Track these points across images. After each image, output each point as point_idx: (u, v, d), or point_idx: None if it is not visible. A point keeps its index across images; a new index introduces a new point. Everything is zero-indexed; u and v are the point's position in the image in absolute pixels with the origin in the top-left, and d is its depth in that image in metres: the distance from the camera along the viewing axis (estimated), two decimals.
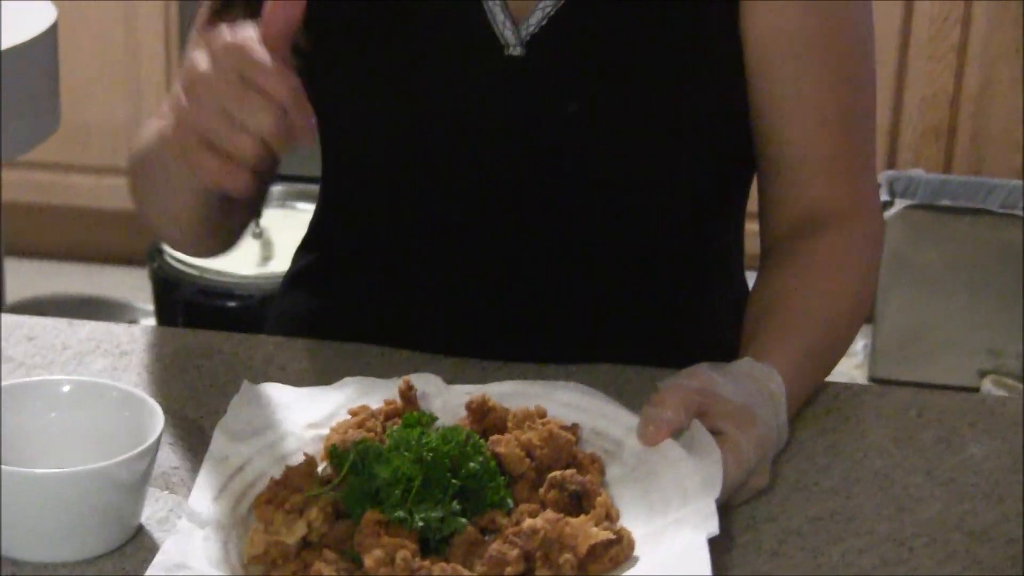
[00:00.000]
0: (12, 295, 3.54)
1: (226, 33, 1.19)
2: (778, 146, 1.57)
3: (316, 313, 1.66)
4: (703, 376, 1.28)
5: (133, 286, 3.95)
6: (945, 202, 3.72)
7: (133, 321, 3.80)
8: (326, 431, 1.29)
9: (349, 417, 1.30)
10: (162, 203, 1.53)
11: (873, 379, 3.79)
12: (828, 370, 1.49)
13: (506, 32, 1.51)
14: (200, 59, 1.18)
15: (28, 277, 4.06)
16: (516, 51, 1.52)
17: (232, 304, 3.35)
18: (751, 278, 1.63)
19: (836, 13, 1.56)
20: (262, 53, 1.16)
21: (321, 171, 1.71)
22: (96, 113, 4.09)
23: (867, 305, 1.60)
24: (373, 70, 1.57)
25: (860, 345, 3.88)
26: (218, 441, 1.28)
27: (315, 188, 1.76)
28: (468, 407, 1.29)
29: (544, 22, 1.51)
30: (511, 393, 1.34)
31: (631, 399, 1.34)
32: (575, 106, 1.52)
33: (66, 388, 1.27)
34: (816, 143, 1.56)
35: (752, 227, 1.63)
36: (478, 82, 1.55)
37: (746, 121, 1.57)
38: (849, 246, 1.57)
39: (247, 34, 1.18)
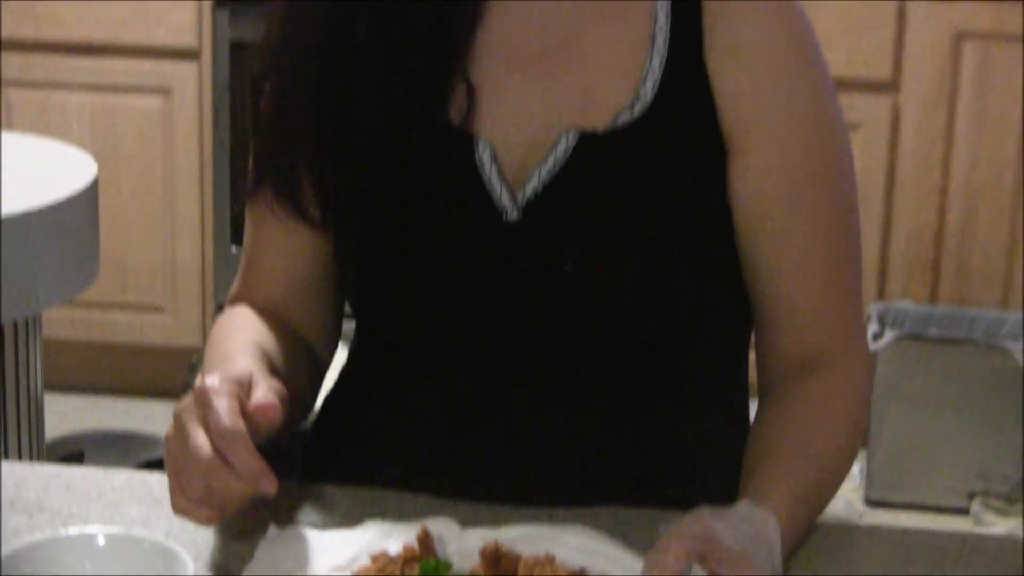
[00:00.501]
0: (52, 430, 3.53)
1: (206, 407, 1.29)
2: (770, 299, 1.63)
3: (341, 459, 1.71)
4: (704, 522, 1.31)
5: (167, 420, 4.15)
6: (932, 332, 3.79)
7: (162, 461, 4.14)
8: (348, 575, 1.35)
9: (370, 562, 1.35)
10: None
11: (868, 501, 3.82)
12: (824, 506, 1.54)
13: (503, 200, 1.57)
14: (183, 433, 1.28)
15: (68, 411, 4.11)
16: (514, 217, 1.58)
17: (261, 445, 3.60)
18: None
19: (820, 171, 1.62)
20: (233, 435, 1.27)
21: (354, 335, 1.79)
22: (134, 253, 4.20)
23: (859, 438, 1.65)
24: (387, 238, 1.64)
25: (856, 469, 3.88)
26: None
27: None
28: (482, 554, 1.33)
29: (539, 189, 1.57)
30: (522, 537, 1.38)
31: (636, 540, 1.39)
32: (571, 267, 1.56)
33: (101, 541, 1.32)
34: (805, 295, 1.63)
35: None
36: (480, 247, 1.61)
37: (738, 275, 1.64)
38: (840, 385, 1.62)
39: (220, 412, 1.28)
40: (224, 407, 1.27)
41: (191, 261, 4.31)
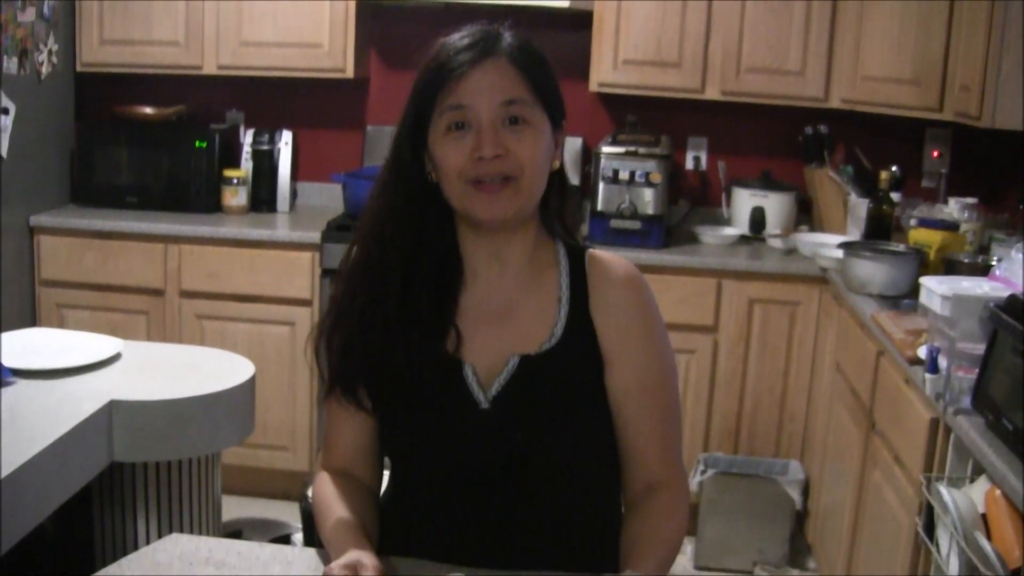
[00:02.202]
0: (225, 518, 4.09)
1: None
2: (629, 449, 1.99)
3: (395, 536, 1.99)
4: None
5: (290, 513, 4.88)
6: (735, 470, 4.88)
7: (289, 536, 4.69)
8: None
9: None
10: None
11: (697, 567, 4.80)
12: (671, 564, 1.86)
13: (479, 396, 1.92)
14: None
15: (232, 506, 4.88)
16: (485, 407, 1.91)
17: None
18: None
19: (658, 374, 1.98)
20: None
21: (391, 473, 2.10)
22: (272, 416, 5.24)
23: (684, 530, 1.95)
24: (405, 420, 1.96)
25: (689, 547, 4.79)
26: None
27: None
28: None
29: (500, 388, 1.92)
30: None
31: None
32: (520, 436, 1.90)
33: None
34: (650, 446, 1.98)
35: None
36: (465, 425, 1.92)
37: (613, 438, 1.98)
38: (672, 501, 1.96)
39: None
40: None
41: (303, 421, 5.31)
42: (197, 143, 5.49)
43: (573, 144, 5.60)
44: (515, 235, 1.98)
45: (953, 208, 4.89)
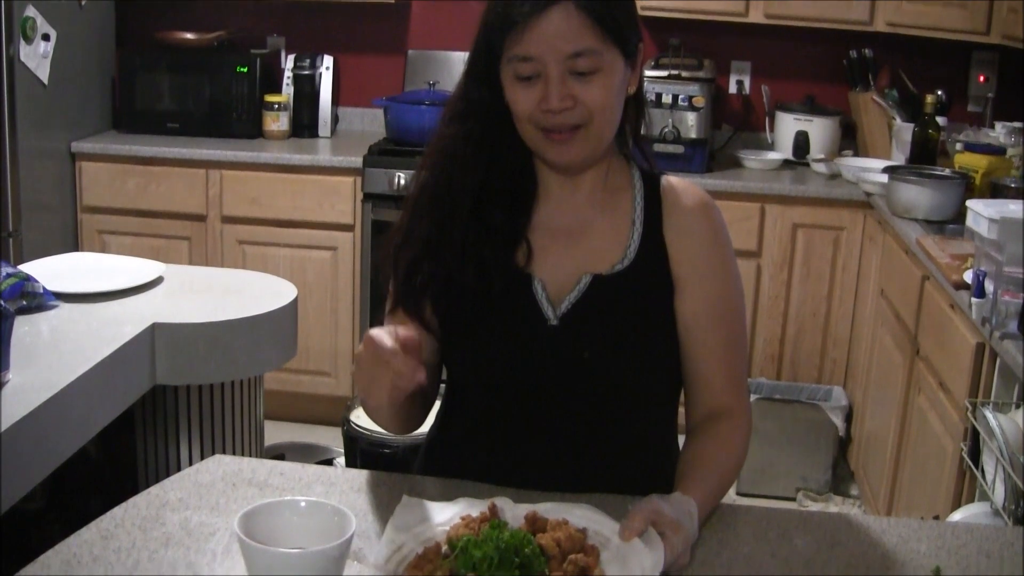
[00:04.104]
0: (267, 441, 4.11)
1: (377, 338, 1.62)
2: (694, 375, 1.98)
3: (442, 461, 2.00)
4: (655, 502, 1.64)
5: (333, 439, 4.83)
6: (777, 396, 4.88)
7: (331, 460, 4.70)
8: (448, 528, 1.61)
9: (461, 521, 1.62)
10: (374, 410, 1.88)
11: (738, 493, 4.80)
12: (722, 496, 1.85)
13: (548, 313, 1.91)
14: (364, 346, 1.63)
15: (275, 431, 4.96)
16: (554, 323, 1.91)
17: (388, 452, 3.86)
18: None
19: (727, 300, 1.98)
20: (388, 346, 1.60)
21: (445, 389, 2.10)
22: (314, 341, 5.29)
23: (743, 460, 1.97)
24: (473, 335, 1.97)
25: None
26: (388, 532, 1.61)
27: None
28: (526, 517, 1.62)
29: (570, 306, 1.91)
30: (550, 509, 1.66)
31: (616, 514, 1.67)
32: (587, 354, 1.89)
33: (302, 505, 1.60)
34: (715, 373, 1.96)
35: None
36: (533, 341, 1.92)
37: (677, 361, 1.97)
38: (734, 430, 1.96)
39: (384, 338, 1.62)
40: (394, 332, 1.66)
41: (345, 346, 5.32)
42: (238, 68, 5.52)
43: None
44: (589, 163, 1.98)
45: (999, 132, 4.84)
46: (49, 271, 3.24)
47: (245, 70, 5.52)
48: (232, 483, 1.88)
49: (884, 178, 4.60)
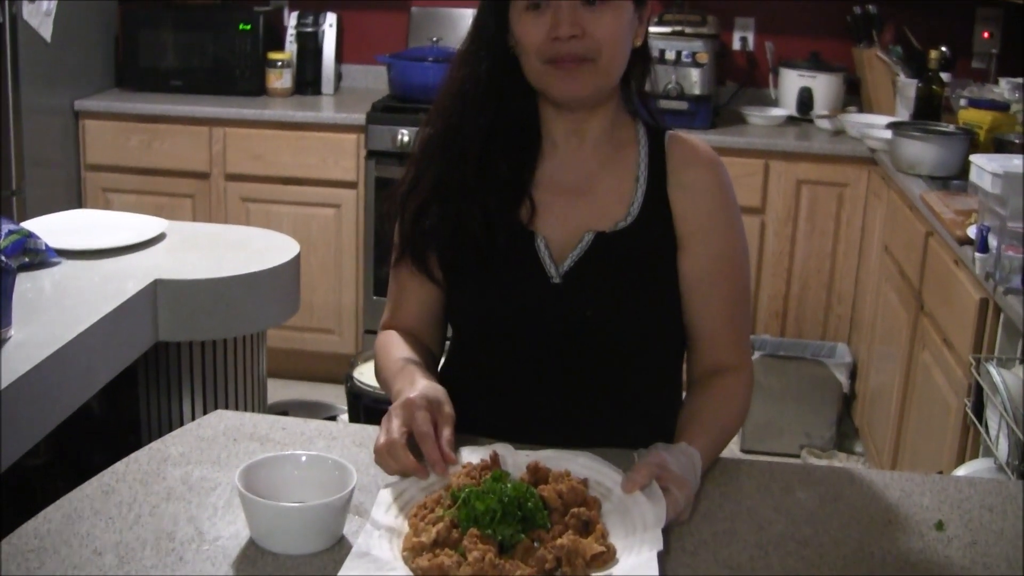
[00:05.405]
0: (270, 398, 4.14)
1: (394, 430, 1.67)
2: (697, 331, 1.99)
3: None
4: (659, 455, 1.65)
5: (337, 396, 4.95)
6: (781, 353, 4.93)
7: (335, 416, 4.72)
8: (450, 477, 1.62)
9: (463, 469, 1.64)
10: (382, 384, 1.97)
11: (742, 449, 4.83)
12: (723, 447, 1.87)
13: (551, 270, 1.92)
14: (385, 433, 1.67)
15: (278, 388, 5.07)
16: (557, 281, 1.92)
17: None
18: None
19: (731, 258, 1.97)
20: (425, 435, 1.67)
21: (451, 343, 2.13)
22: (318, 298, 5.32)
23: (745, 415, 1.99)
24: (476, 289, 1.97)
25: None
26: (389, 480, 1.64)
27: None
28: (528, 467, 1.63)
29: (572, 264, 1.92)
30: (551, 458, 1.67)
31: (617, 463, 1.69)
32: (590, 312, 1.91)
33: (304, 459, 1.62)
34: (718, 329, 1.98)
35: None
36: (536, 297, 1.93)
37: (680, 317, 1.98)
38: (737, 385, 1.97)
39: (420, 420, 1.68)
40: (422, 417, 1.69)
41: (349, 304, 5.35)
42: (241, 26, 5.49)
43: None
44: (595, 112, 1.96)
45: (1004, 88, 4.82)
46: (52, 228, 3.23)
47: (248, 27, 5.49)
48: (233, 438, 1.89)
49: (888, 134, 4.58)
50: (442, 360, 2.12)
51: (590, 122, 1.97)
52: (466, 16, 1.77)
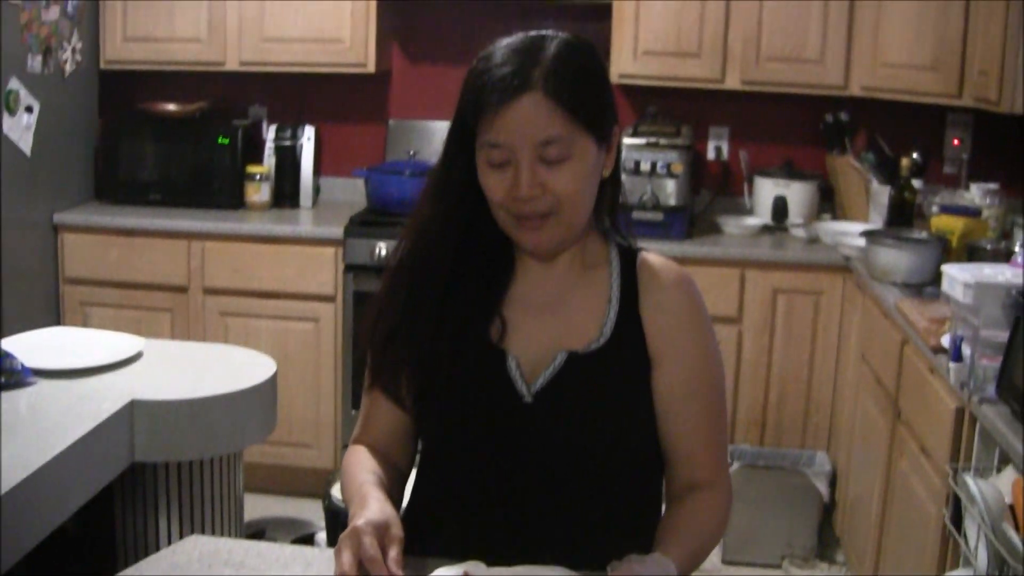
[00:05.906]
0: (247, 515, 4.02)
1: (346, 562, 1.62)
2: (674, 449, 1.97)
3: (418, 536, 1.89)
4: (631, 566, 1.66)
5: (315, 512, 4.85)
6: (760, 463, 4.87)
7: (312, 535, 4.74)
8: None
9: None
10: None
11: (723, 561, 4.80)
12: (702, 560, 1.87)
13: (523, 390, 1.91)
14: (338, 567, 1.63)
15: (256, 505, 4.94)
16: (528, 400, 1.91)
17: None
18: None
19: (705, 376, 1.97)
20: (372, 560, 1.63)
21: (421, 454, 2.09)
22: (295, 413, 5.26)
23: (724, 529, 1.97)
24: (447, 412, 1.96)
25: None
26: None
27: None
28: None
29: (545, 383, 1.91)
30: (523, 573, 1.71)
31: None
32: (562, 434, 1.90)
33: None
34: (695, 447, 1.96)
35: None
36: (508, 417, 1.92)
37: (656, 436, 1.96)
38: (715, 501, 1.96)
39: (366, 546, 1.64)
40: (369, 542, 1.65)
41: (327, 418, 5.31)
42: (220, 139, 5.53)
43: None
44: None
45: (975, 194, 4.88)
46: (28, 346, 3.24)
47: (227, 141, 5.53)
48: (208, 564, 1.87)
49: (862, 242, 4.62)
50: (412, 475, 2.09)
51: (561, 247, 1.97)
52: (443, 129, 1.80)
